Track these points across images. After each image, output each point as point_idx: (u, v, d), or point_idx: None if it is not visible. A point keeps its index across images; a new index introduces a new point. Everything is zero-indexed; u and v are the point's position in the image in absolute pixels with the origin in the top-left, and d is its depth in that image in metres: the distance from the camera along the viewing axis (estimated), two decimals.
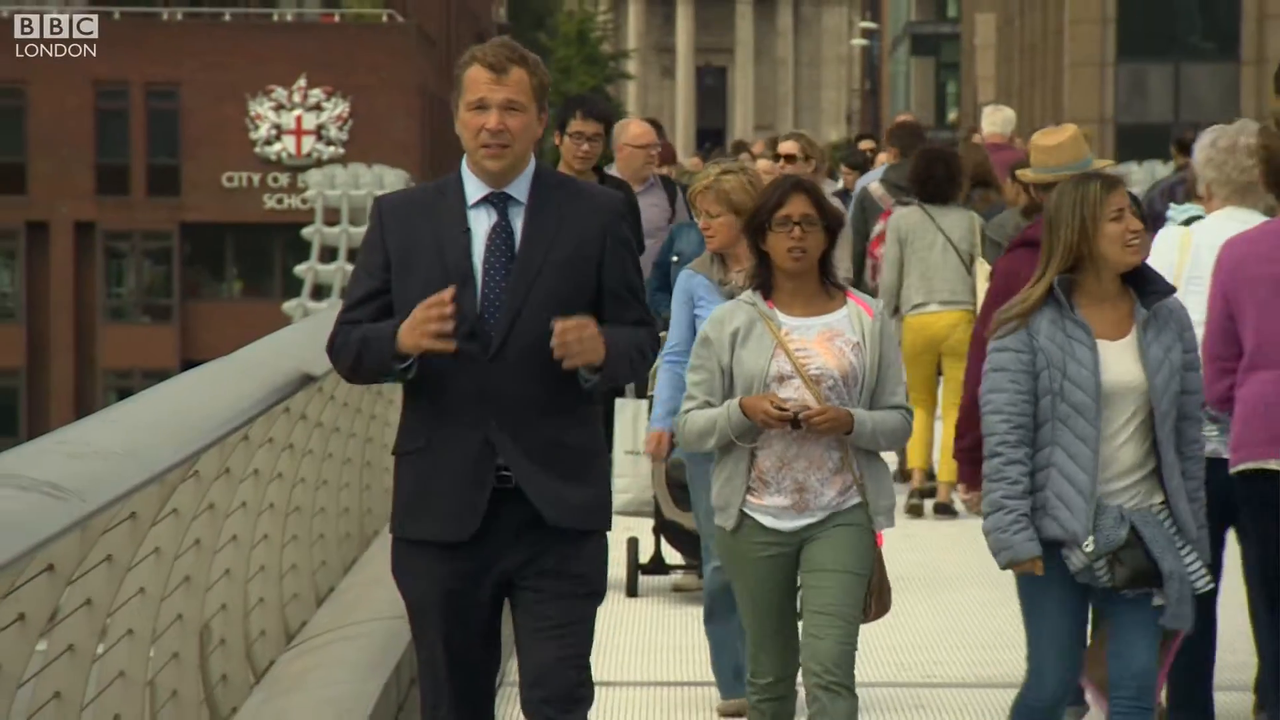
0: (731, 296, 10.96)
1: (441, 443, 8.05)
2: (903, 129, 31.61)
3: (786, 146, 25.27)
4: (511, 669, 8.50)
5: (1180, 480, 9.12)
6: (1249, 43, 77.09)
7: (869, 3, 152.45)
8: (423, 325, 8.00)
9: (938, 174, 23.27)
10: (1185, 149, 21.25)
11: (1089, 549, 8.88)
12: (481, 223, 8.07)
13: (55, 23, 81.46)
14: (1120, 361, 8.94)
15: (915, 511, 22.63)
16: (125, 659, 10.77)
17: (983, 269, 21.81)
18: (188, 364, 52.33)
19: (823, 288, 9.49)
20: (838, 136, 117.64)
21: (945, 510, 22.48)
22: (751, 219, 9.93)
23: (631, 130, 21.74)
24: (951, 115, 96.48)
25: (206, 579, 12.44)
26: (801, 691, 9.62)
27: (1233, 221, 12.98)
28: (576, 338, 7.84)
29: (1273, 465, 10.25)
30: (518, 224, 8.06)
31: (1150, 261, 11.83)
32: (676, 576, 17.61)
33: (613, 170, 21.58)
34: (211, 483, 12.22)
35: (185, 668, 12.03)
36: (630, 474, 16.33)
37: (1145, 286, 9.12)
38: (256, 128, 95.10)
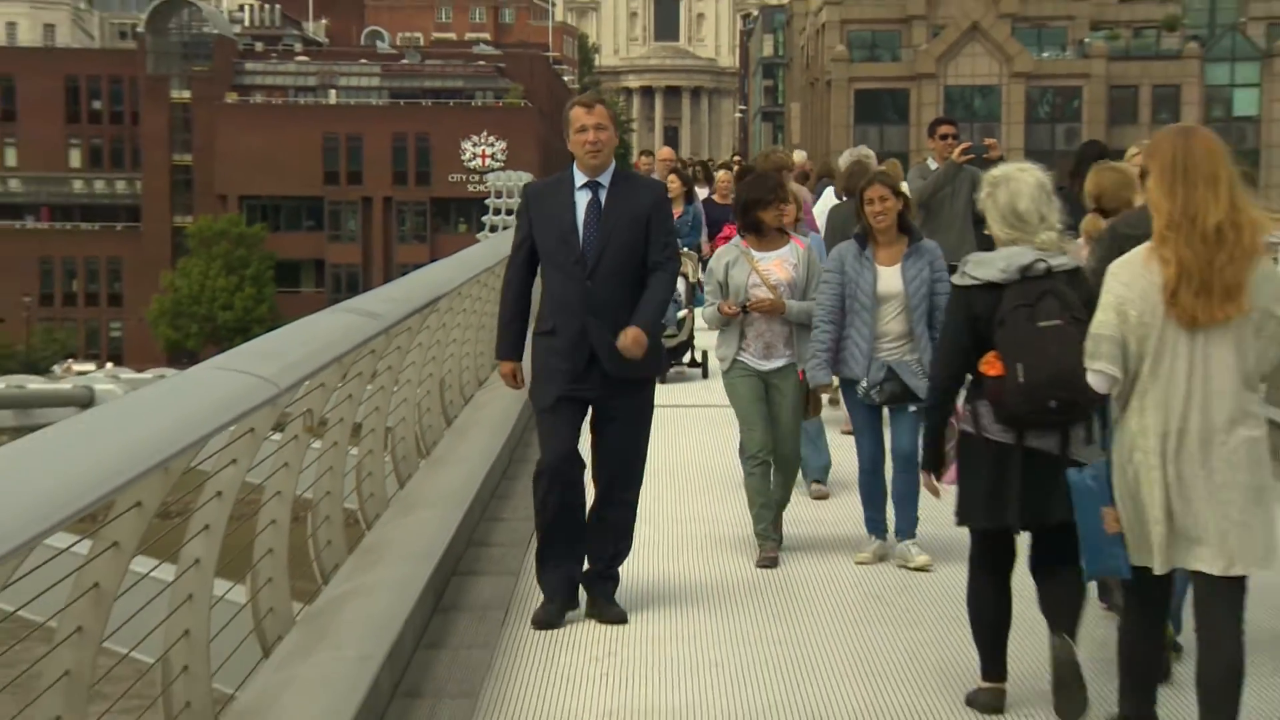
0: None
1: (561, 326, 7.31)
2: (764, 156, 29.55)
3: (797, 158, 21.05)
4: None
5: (926, 343, 8.45)
6: (914, 115, 76.25)
7: (742, 96, 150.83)
8: (505, 381, 7.68)
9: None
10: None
11: (863, 384, 8.51)
12: (583, 198, 7.36)
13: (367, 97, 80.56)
14: (890, 279, 8.53)
15: None
16: (408, 392, 10.94)
17: None
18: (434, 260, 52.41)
19: (777, 234, 9.00)
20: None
21: None
22: (757, 198, 9.07)
23: (663, 153, 21.36)
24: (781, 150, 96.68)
25: (437, 368, 12.53)
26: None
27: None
28: (634, 345, 7.19)
29: None
30: (603, 198, 7.36)
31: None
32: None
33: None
34: (444, 314, 12.34)
35: (422, 411, 12.15)
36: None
37: (910, 236, 8.65)
38: (464, 153, 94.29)
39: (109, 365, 72.06)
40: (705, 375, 16.14)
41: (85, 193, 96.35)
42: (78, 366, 70.00)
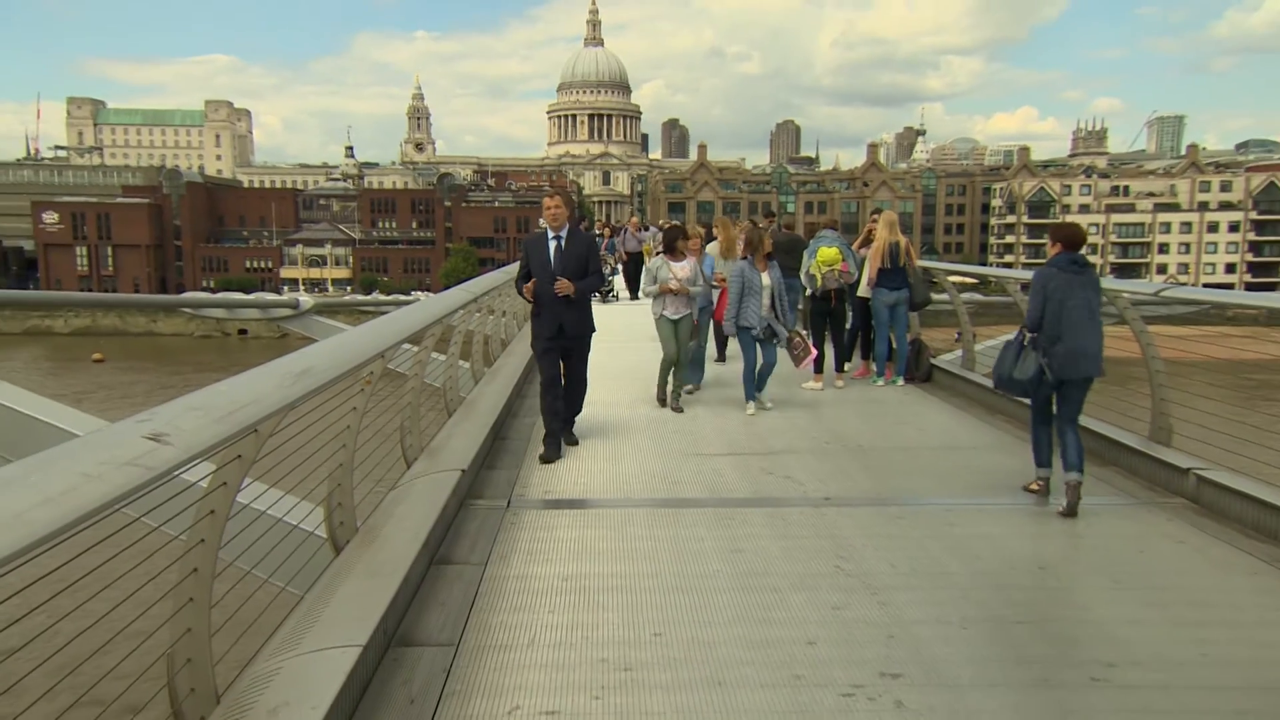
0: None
1: (545, 309, 5.14)
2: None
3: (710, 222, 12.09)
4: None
5: (785, 311, 6.17)
6: (687, 213, 74.89)
7: (631, 203, 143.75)
8: (526, 293, 5.18)
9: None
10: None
11: (755, 330, 5.90)
12: (553, 244, 5.21)
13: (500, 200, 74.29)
14: (765, 278, 5.95)
15: None
16: (520, 300, 10.04)
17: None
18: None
19: (683, 254, 6.20)
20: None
21: None
22: (672, 237, 6.30)
23: (632, 221, 14.11)
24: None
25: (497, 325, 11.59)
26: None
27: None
28: (565, 288, 5.06)
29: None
30: (563, 244, 5.24)
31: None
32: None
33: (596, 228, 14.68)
34: (496, 298, 11.41)
35: (486, 349, 11.19)
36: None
37: (768, 258, 6.15)
38: (541, 225, 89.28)
39: (425, 292, 70.44)
40: (604, 301, 11.54)
41: (417, 236, 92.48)
42: (416, 293, 68.80)
